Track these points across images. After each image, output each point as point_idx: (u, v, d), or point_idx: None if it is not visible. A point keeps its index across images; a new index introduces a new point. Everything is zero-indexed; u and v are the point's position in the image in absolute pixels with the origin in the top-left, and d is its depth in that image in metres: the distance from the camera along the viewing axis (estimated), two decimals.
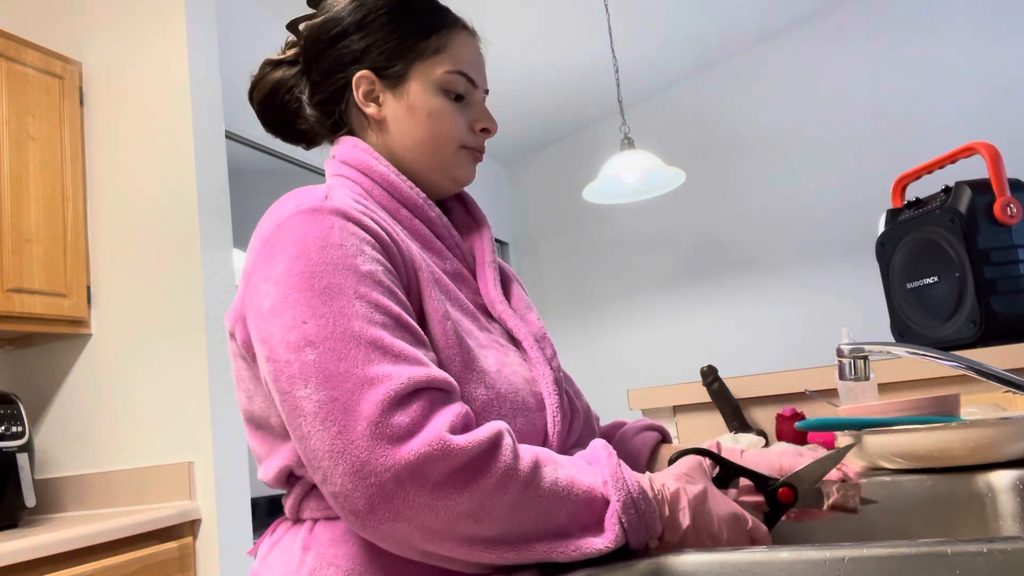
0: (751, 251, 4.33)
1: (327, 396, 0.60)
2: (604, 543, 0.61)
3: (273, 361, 0.64)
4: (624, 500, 0.61)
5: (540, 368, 0.81)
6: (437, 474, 0.58)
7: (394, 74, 0.84)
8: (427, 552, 0.61)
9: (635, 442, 0.95)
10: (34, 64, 2.14)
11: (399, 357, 0.63)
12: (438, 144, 0.84)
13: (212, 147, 2.22)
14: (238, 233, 2.29)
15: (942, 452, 0.88)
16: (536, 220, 5.08)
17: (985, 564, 0.49)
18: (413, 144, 0.84)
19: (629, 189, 2.80)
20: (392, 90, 0.84)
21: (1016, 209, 1.41)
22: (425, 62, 0.84)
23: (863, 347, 0.96)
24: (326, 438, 0.59)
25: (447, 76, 0.84)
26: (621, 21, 3.51)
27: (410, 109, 0.84)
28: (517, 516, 0.60)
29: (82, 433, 2.19)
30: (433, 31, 0.85)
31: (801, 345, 3.96)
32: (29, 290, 2.02)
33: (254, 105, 0.92)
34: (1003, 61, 3.68)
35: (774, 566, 0.55)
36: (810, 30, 4.19)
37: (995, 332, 1.41)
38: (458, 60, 0.85)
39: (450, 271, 0.83)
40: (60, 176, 2.18)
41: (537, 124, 4.71)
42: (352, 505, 0.58)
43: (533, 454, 0.64)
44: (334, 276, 0.65)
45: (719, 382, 1.53)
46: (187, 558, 1.93)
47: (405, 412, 0.59)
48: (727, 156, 4.43)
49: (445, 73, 0.84)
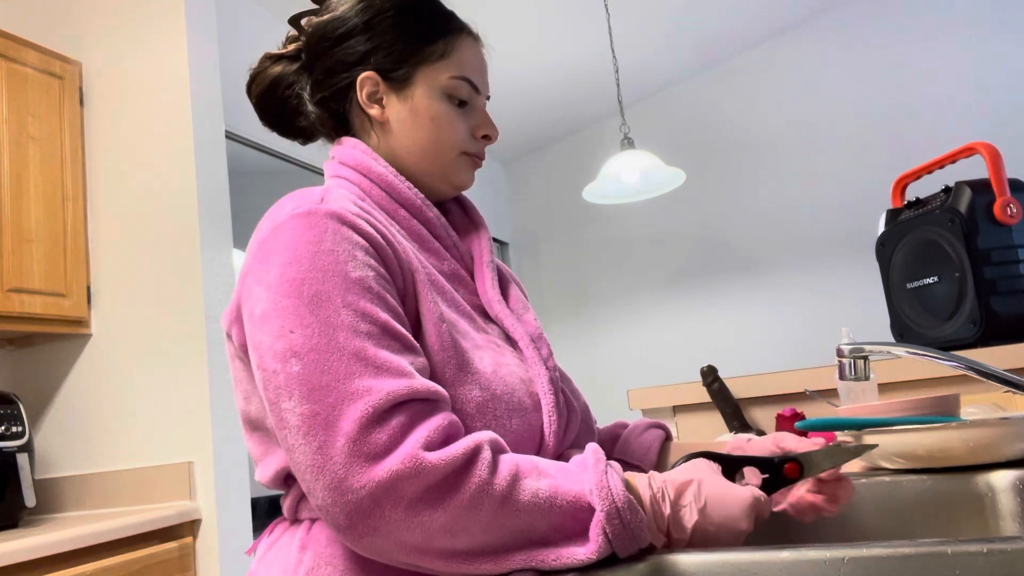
0: (751, 251, 4.33)
1: (309, 410, 0.61)
2: (587, 553, 0.60)
3: (262, 369, 0.65)
4: (608, 510, 0.60)
5: (536, 368, 0.80)
6: (411, 492, 0.59)
7: (399, 77, 0.84)
8: (409, 564, 0.62)
9: (642, 440, 0.95)
10: (34, 64, 2.14)
11: (381, 369, 0.63)
12: (439, 149, 0.84)
13: (212, 147, 2.22)
14: (238, 233, 2.29)
15: (942, 452, 0.87)
16: (536, 220, 5.08)
17: (985, 564, 0.49)
18: (414, 148, 0.84)
19: (629, 189, 2.80)
20: (396, 93, 0.84)
21: (1016, 209, 1.41)
22: (430, 66, 0.84)
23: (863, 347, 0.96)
24: (308, 452, 0.61)
25: (452, 81, 0.84)
26: (621, 21, 3.51)
27: (413, 113, 0.83)
28: (494, 530, 0.60)
29: (82, 433, 2.19)
30: (439, 35, 0.85)
31: (801, 345, 3.96)
32: (29, 290, 2.02)
33: (252, 98, 0.92)
34: (1003, 61, 3.68)
35: (774, 566, 0.55)
36: (810, 30, 4.19)
37: (995, 332, 1.41)
38: (463, 66, 0.85)
39: (447, 272, 0.83)
40: (60, 176, 2.18)
41: (537, 124, 4.71)
42: (333, 519, 0.60)
43: (513, 466, 0.63)
44: (323, 284, 0.65)
45: (719, 382, 1.53)
46: (187, 558, 1.93)
47: (383, 429, 0.60)
48: (727, 156, 4.43)
49: (450, 78, 0.84)
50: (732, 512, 0.63)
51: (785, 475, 0.71)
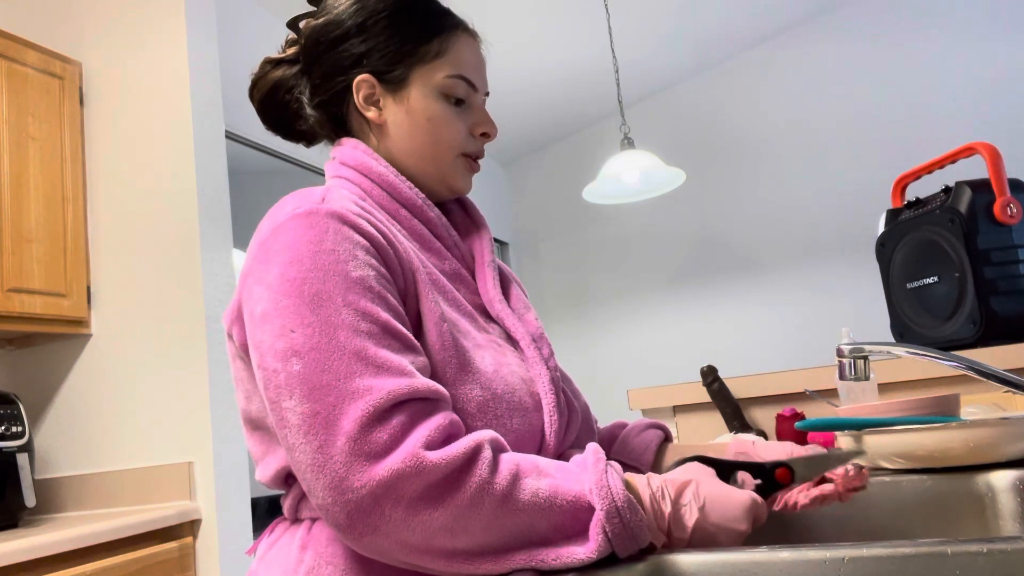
0: (751, 251, 4.33)
1: (310, 409, 0.61)
2: (587, 553, 0.60)
3: (263, 369, 0.65)
4: (608, 509, 0.60)
5: (537, 368, 0.80)
6: (411, 491, 0.59)
7: (394, 78, 0.83)
8: (409, 563, 0.62)
9: (639, 441, 0.95)
10: (34, 64, 2.14)
11: (382, 368, 0.63)
12: (437, 150, 0.84)
13: (212, 147, 2.22)
14: (238, 233, 2.29)
15: (942, 452, 0.87)
16: (536, 220, 5.08)
17: (985, 564, 0.49)
18: (412, 150, 0.84)
19: (629, 189, 2.80)
20: (392, 95, 0.84)
21: (1016, 209, 1.41)
22: (426, 66, 0.83)
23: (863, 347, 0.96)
24: (308, 451, 0.61)
25: (447, 81, 0.83)
26: (621, 21, 3.52)
27: (410, 114, 0.83)
28: (495, 529, 0.60)
29: (82, 433, 2.19)
30: (434, 35, 0.84)
31: (801, 345, 3.96)
32: (29, 290, 2.02)
33: (254, 104, 0.92)
34: (1003, 61, 3.68)
35: (774, 566, 0.55)
36: (810, 30, 4.19)
37: (995, 332, 1.40)
38: (459, 64, 0.84)
39: (448, 271, 0.83)
40: (60, 176, 2.18)
41: (537, 124, 4.71)
42: (333, 519, 0.60)
43: (514, 465, 0.63)
44: (324, 283, 0.65)
45: (719, 382, 1.53)
46: (187, 558, 1.93)
47: (384, 428, 0.60)
48: (727, 156, 4.43)
49: (446, 78, 0.83)
50: (731, 513, 0.64)
51: (777, 480, 0.72)
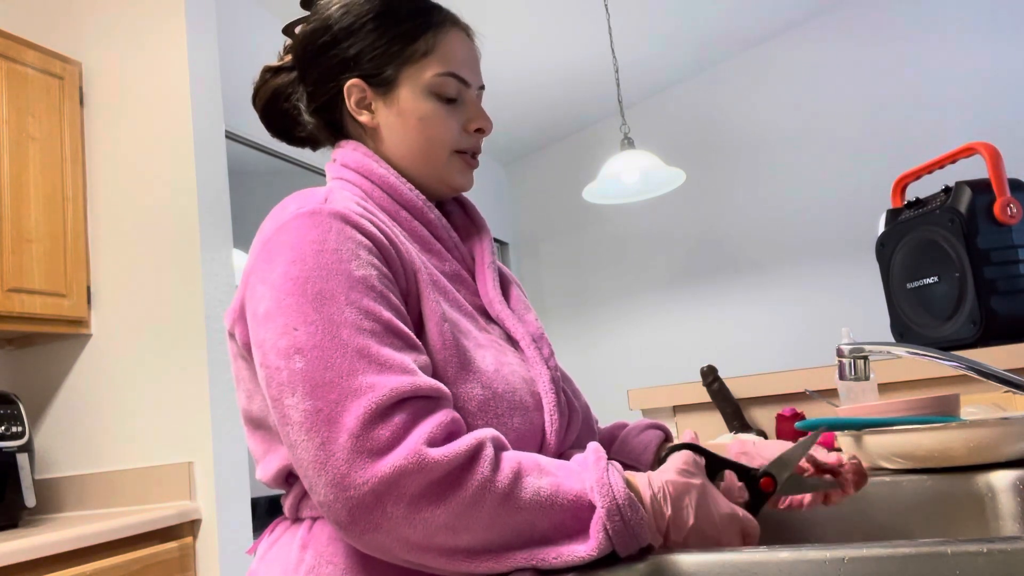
0: (751, 251, 4.33)
1: (312, 407, 0.61)
2: (587, 551, 0.60)
3: (265, 367, 0.65)
4: (609, 507, 0.60)
5: (537, 368, 0.81)
6: (413, 488, 0.59)
7: (383, 81, 0.83)
8: (410, 561, 0.62)
9: (639, 441, 0.95)
10: (34, 64, 2.14)
11: (385, 366, 0.63)
12: (431, 150, 0.83)
13: (212, 147, 2.22)
14: (238, 233, 2.29)
15: (942, 452, 0.88)
16: (536, 220, 5.08)
17: (985, 564, 0.49)
18: (407, 151, 0.84)
19: (629, 189, 2.80)
20: (383, 97, 0.83)
21: (1016, 209, 1.41)
22: (414, 66, 0.82)
23: (863, 347, 0.96)
24: (310, 448, 0.61)
25: (437, 79, 0.83)
26: (621, 21, 3.51)
27: (401, 116, 0.83)
28: (496, 527, 0.60)
29: (82, 433, 2.19)
30: (421, 33, 0.83)
31: (801, 345, 3.96)
32: (29, 290, 2.02)
33: (257, 112, 0.92)
34: (1003, 61, 3.68)
35: (774, 566, 0.55)
36: (810, 30, 4.19)
37: (995, 332, 1.41)
38: (447, 61, 0.83)
39: (449, 272, 0.83)
40: (60, 176, 2.18)
41: (537, 124, 4.71)
42: (334, 516, 0.60)
43: (515, 463, 0.63)
44: (327, 282, 0.65)
45: (719, 382, 1.53)
46: (187, 558, 1.93)
47: (386, 425, 0.60)
48: (727, 156, 4.43)
49: (435, 76, 0.82)
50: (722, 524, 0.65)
51: (762, 490, 0.73)
